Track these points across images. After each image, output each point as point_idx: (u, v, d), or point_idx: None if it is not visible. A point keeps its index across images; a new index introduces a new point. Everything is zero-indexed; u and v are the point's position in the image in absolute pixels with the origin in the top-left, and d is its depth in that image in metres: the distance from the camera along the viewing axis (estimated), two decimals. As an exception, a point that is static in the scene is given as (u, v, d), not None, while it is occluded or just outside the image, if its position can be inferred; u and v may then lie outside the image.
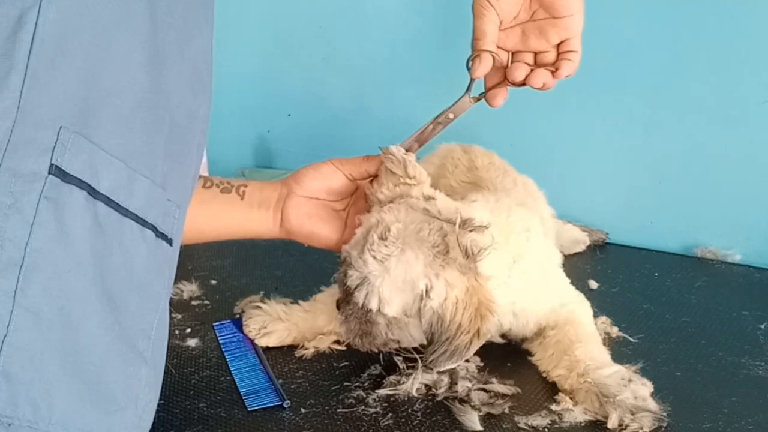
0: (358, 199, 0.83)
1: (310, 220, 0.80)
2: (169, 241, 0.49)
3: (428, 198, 0.75)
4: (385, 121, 1.38)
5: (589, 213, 1.22)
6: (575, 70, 0.73)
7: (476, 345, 0.72)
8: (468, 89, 0.77)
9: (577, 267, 1.08)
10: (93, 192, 0.41)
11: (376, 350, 0.78)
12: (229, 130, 1.55)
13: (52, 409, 0.39)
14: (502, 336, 0.85)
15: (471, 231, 0.72)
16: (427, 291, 0.70)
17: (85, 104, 0.41)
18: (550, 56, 0.73)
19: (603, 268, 1.10)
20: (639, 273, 1.08)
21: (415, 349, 0.78)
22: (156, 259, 0.47)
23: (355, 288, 0.73)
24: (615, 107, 1.17)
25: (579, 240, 1.15)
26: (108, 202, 0.42)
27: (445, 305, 0.70)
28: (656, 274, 1.08)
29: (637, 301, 0.98)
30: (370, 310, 0.73)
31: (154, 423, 0.51)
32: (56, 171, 0.39)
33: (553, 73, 0.72)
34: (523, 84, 0.74)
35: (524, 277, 0.79)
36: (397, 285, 0.71)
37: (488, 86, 0.77)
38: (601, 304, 0.92)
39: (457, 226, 0.71)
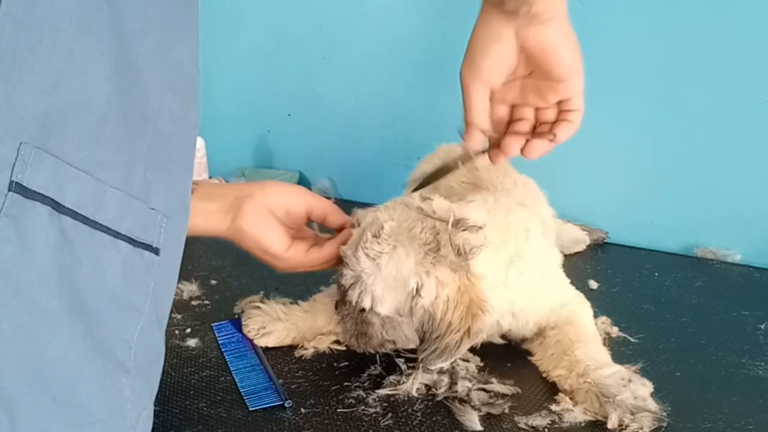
0: (302, 239, 0.81)
1: (267, 222, 0.78)
2: (155, 251, 0.49)
3: (425, 198, 0.75)
4: (384, 120, 1.38)
5: (589, 213, 1.22)
6: (576, 129, 0.70)
7: (467, 344, 0.72)
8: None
9: (577, 267, 1.08)
10: (57, 206, 0.41)
11: (373, 351, 0.78)
12: (229, 130, 1.55)
13: (15, 424, 0.39)
14: (502, 336, 0.85)
15: (464, 230, 0.72)
16: (417, 289, 0.71)
17: (47, 118, 0.40)
18: (551, 113, 0.70)
19: (603, 268, 1.10)
20: (639, 273, 1.08)
21: (412, 350, 0.78)
22: (134, 269, 0.47)
23: (349, 287, 0.73)
24: (615, 107, 1.17)
25: (579, 239, 1.15)
26: (74, 215, 0.42)
27: (435, 303, 0.71)
28: (656, 274, 1.08)
29: (637, 301, 0.98)
30: (364, 309, 0.73)
31: (153, 423, 0.51)
32: (17, 187, 0.39)
33: (551, 139, 0.70)
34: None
35: (523, 278, 0.79)
36: (389, 283, 0.71)
37: (492, 141, 0.74)
38: (601, 304, 0.92)
39: (449, 224, 0.72)
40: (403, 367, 0.79)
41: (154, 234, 0.48)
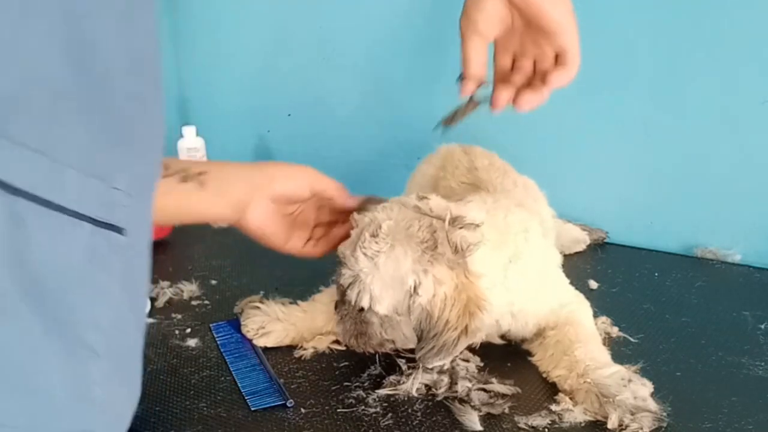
0: (308, 209, 0.86)
1: (271, 224, 0.81)
2: (119, 231, 0.48)
3: (422, 197, 0.75)
4: (385, 121, 1.38)
5: (589, 213, 1.22)
6: (570, 79, 0.72)
7: (464, 342, 0.72)
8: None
9: (577, 267, 1.08)
10: (7, 188, 0.40)
11: (372, 351, 0.78)
12: (229, 130, 1.55)
13: None
14: (502, 336, 0.85)
15: (461, 228, 0.72)
16: (415, 287, 0.71)
17: None
18: (548, 63, 0.74)
19: (603, 268, 1.10)
20: (639, 273, 1.08)
21: (412, 350, 0.78)
22: (98, 250, 0.46)
23: (348, 286, 0.73)
24: (615, 107, 1.17)
25: (579, 239, 1.15)
26: (28, 196, 0.41)
27: (433, 301, 0.71)
28: (656, 274, 1.08)
29: (637, 301, 0.98)
30: (363, 308, 0.73)
31: (154, 423, 0.51)
32: None
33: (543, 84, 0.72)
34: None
35: (522, 278, 0.79)
36: (387, 282, 0.71)
37: (495, 89, 0.77)
38: (601, 304, 0.91)
39: (446, 222, 0.72)
40: (404, 367, 0.79)
41: (117, 214, 0.48)
